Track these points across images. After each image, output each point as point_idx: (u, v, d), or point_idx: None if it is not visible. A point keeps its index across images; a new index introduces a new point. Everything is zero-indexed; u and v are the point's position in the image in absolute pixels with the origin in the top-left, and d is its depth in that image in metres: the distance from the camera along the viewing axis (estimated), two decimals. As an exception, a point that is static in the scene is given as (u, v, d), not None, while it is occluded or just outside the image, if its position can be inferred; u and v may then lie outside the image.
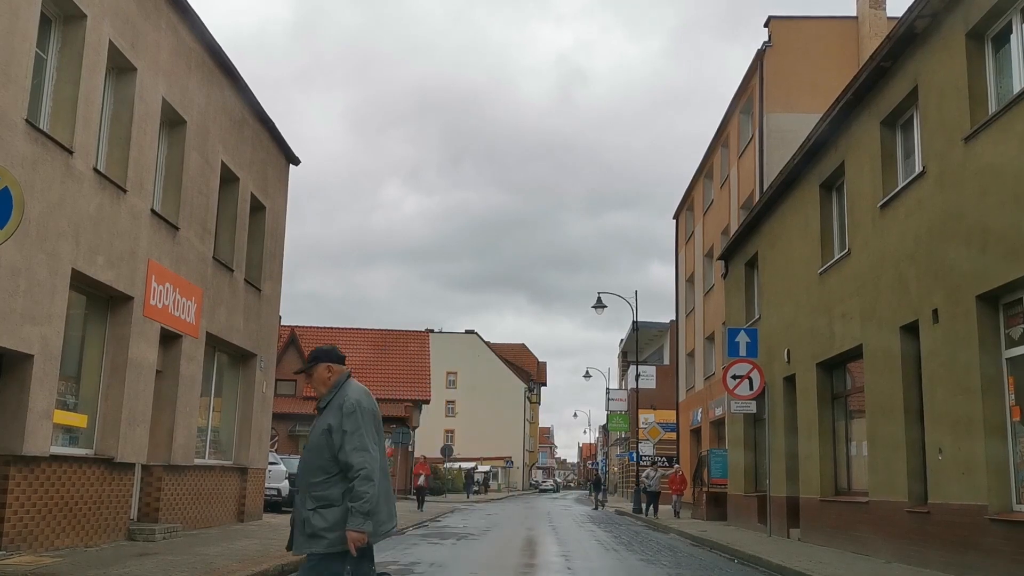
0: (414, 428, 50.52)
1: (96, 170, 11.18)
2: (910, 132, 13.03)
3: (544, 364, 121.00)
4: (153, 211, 12.85)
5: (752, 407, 19.22)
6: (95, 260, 11.13)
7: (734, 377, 18.92)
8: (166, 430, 13.59)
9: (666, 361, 65.99)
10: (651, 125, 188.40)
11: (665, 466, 38.69)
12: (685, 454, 37.30)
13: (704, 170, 34.62)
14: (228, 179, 16.16)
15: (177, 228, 13.62)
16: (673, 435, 40.55)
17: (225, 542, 12.93)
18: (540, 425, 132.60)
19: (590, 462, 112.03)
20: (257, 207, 17.70)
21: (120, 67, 12.06)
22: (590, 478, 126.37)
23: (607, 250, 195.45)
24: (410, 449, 48.29)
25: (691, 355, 36.98)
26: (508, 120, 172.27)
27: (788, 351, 17.95)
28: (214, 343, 15.88)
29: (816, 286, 16.25)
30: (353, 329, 54.86)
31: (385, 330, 55.09)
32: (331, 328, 54.68)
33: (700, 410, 33.97)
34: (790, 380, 18.02)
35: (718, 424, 31.45)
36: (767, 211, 19.87)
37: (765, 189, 21.75)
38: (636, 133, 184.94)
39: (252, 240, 17.64)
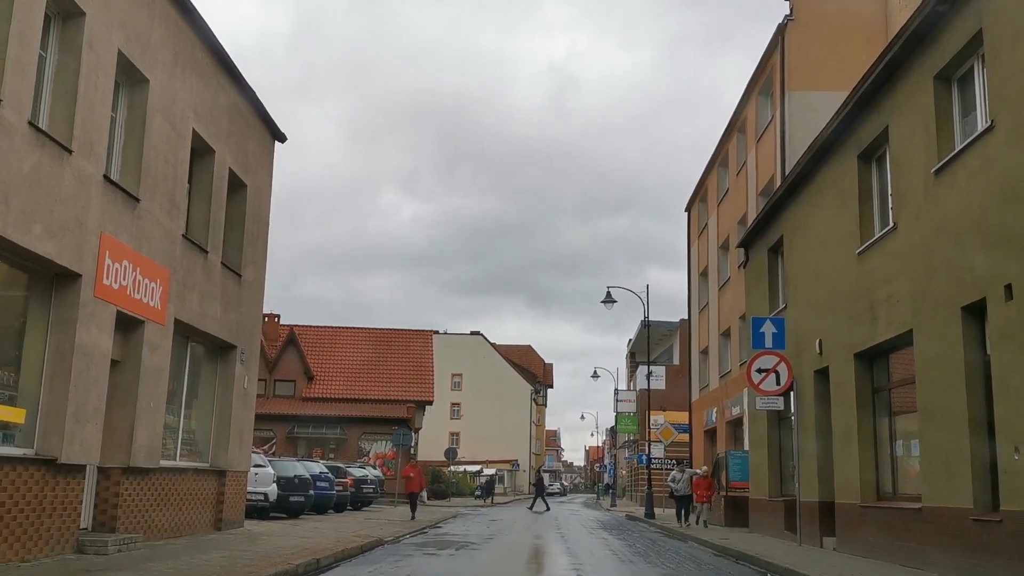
0: (416, 430, 48.95)
1: (33, 124, 9.63)
2: (969, 85, 11.42)
3: (551, 366, 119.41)
4: (107, 178, 11.29)
5: (779, 403, 17.58)
6: (30, 228, 9.57)
7: (759, 371, 17.31)
8: (125, 428, 12.03)
9: (676, 361, 64.33)
10: (642, 132, 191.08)
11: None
12: (699, 456, 35.61)
13: (718, 158, 33.00)
14: (201, 150, 14.60)
15: (138, 200, 12.06)
16: (685, 436, 38.86)
17: (189, 555, 11.35)
18: (546, 427, 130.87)
19: (598, 465, 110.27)
20: (237, 184, 16.15)
21: (66, 11, 10.51)
22: (597, 481, 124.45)
23: (603, 254, 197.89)
24: (412, 451, 46.71)
25: (705, 352, 35.32)
26: (502, 127, 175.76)
27: (820, 342, 16.32)
28: (186, 332, 14.31)
29: (854, 268, 14.62)
30: (354, 328, 53.34)
31: (387, 329, 53.56)
32: (331, 327, 53.15)
33: (715, 410, 32.33)
34: (822, 374, 16.40)
35: (735, 424, 29.79)
36: (793, 192, 18.26)
37: (789, 170, 20.16)
38: (628, 140, 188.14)
39: (231, 220, 16.09)
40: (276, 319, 51.09)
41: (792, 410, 17.97)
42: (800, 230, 17.92)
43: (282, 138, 18.13)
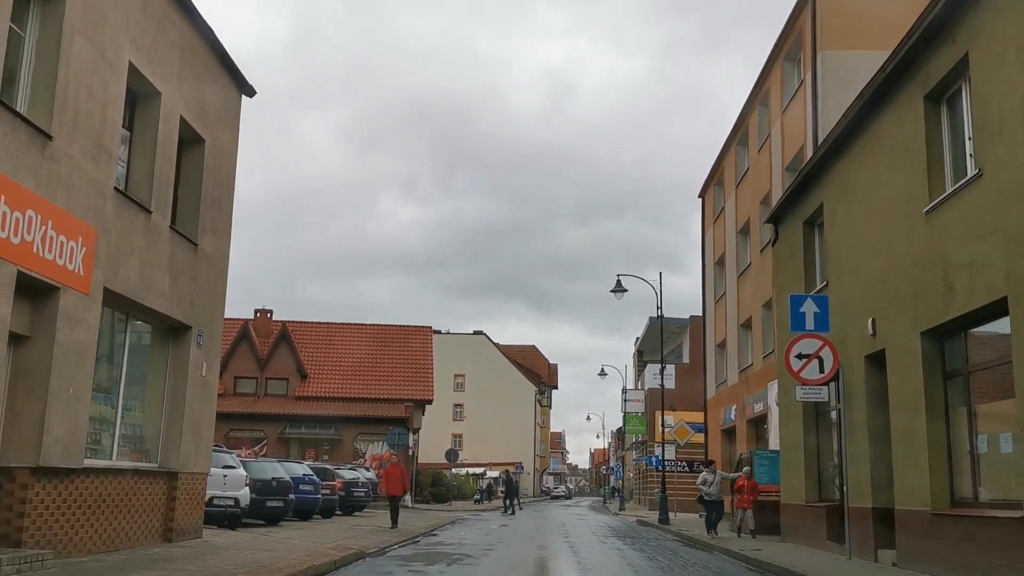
0: (416, 430, 46.61)
1: None
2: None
3: (555, 366, 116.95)
4: (3, 104, 9.00)
5: (823, 394, 15.20)
6: None
7: (799, 357, 14.92)
8: (33, 419, 9.72)
9: (686, 359, 61.95)
10: (640, 136, 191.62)
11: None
12: (716, 457, 33.22)
13: (736, 137, 30.66)
14: (143, 92, 12.31)
15: (49, 137, 9.76)
16: (700, 437, 36.47)
17: (106, 578, 9.04)
18: (551, 429, 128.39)
19: (604, 468, 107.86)
20: (192, 138, 13.85)
21: None
22: (603, 484, 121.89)
23: (602, 258, 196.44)
24: (411, 452, 44.40)
25: (722, 346, 32.97)
26: (499, 131, 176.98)
27: (873, 321, 13.98)
28: (124, 306, 12.01)
29: (920, 230, 12.27)
30: (349, 325, 51.01)
31: (384, 325, 51.21)
32: (326, 323, 50.84)
33: (734, 407, 29.98)
34: (876, 359, 14.04)
35: (757, 422, 27.45)
36: (835, 153, 15.92)
37: (825, 135, 17.84)
38: (625, 144, 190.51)
39: (186, 180, 13.81)
40: (268, 315, 48.84)
41: (837, 402, 15.63)
42: (845, 195, 15.56)
43: (250, 92, 15.83)
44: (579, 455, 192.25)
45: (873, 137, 14.23)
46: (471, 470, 79.79)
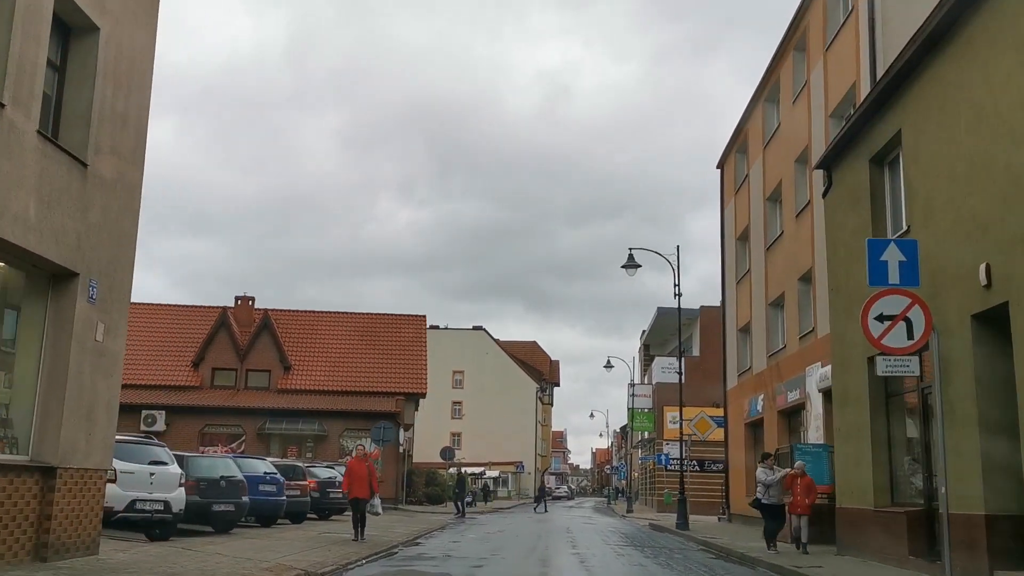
0: (407, 425, 43.20)
1: None
2: None
3: (557, 363, 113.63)
4: None
5: (912, 366, 11.69)
6: None
7: (880, 319, 11.43)
8: None
9: (695, 353, 58.56)
10: (634, 140, 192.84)
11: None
12: (738, 455, 29.78)
13: (764, 93, 27.16)
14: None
15: None
16: (720, 432, 32.95)
17: None
18: (552, 428, 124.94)
19: (608, 467, 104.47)
20: (81, 25, 10.41)
21: None
22: (606, 484, 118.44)
23: (599, 259, 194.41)
24: (402, 450, 40.98)
25: (745, 330, 29.50)
26: (495, 134, 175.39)
27: (987, 268, 10.54)
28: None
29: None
30: (336, 313, 47.56)
31: (375, 314, 47.77)
32: (312, 312, 47.38)
33: (760, 397, 26.52)
34: (990, 318, 10.61)
35: (792, 413, 24.00)
36: (922, 62, 12.49)
37: (892, 60, 14.43)
38: (619, 147, 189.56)
39: (72, 79, 10.37)
40: (250, 302, 45.41)
41: (920, 380, 12.18)
42: (940, 110, 12.09)
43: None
44: (580, 455, 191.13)
45: (985, 30, 10.77)
46: (470, 469, 76.38)
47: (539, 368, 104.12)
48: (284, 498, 19.91)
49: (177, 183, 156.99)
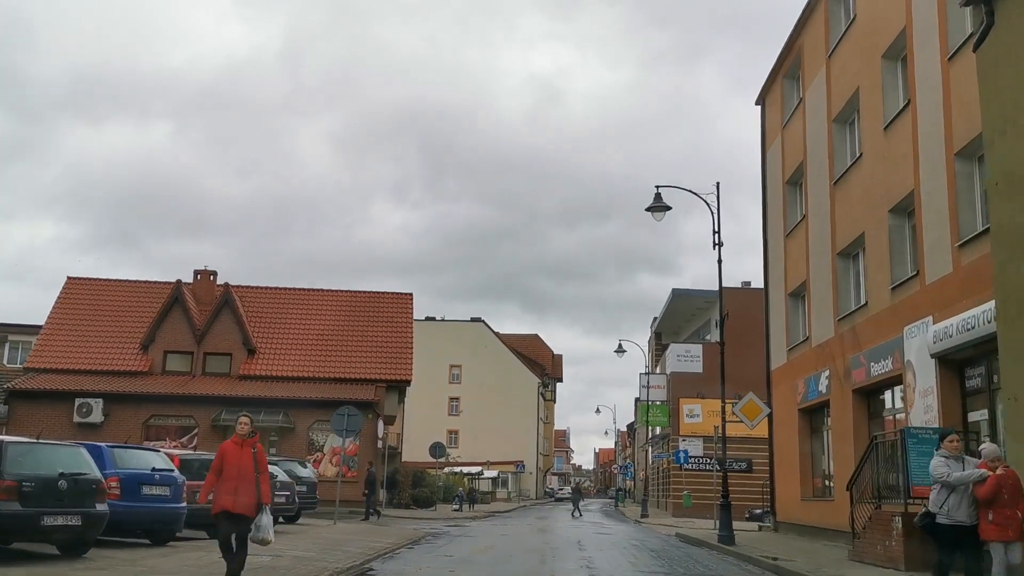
0: (389, 418, 37.46)
1: None
2: None
3: (560, 357, 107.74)
4: None
5: None
6: None
7: None
8: None
9: (716, 338, 52.70)
10: (625, 144, 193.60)
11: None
12: (788, 448, 23.97)
13: (825, -9, 21.44)
14: None
15: None
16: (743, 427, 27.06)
17: None
18: (555, 426, 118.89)
19: (615, 467, 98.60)
20: None
21: None
22: (611, 485, 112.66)
23: (592, 261, 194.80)
24: (381, 444, 35.19)
25: (798, 294, 23.76)
26: (487, 138, 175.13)
27: None
28: None
29: None
30: (310, 291, 41.74)
31: (355, 292, 41.95)
32: (283, 289, 41.54)
33: (825, 374, 20.75)
34: None
35: (874, 391, 18.27)
36: None
37: None
38: (610, 151, 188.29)
39: None
40: (212, 277, 39.65)
41: None
42: None
43: None
44: (581, 456, 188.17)
45: None
46: (466, 469, 70.61)
47: (541, 362, 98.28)
48: (183, 506, 14.09)
49: (173, 186, 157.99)
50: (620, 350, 43.01)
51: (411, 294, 42.21)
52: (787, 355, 24.41)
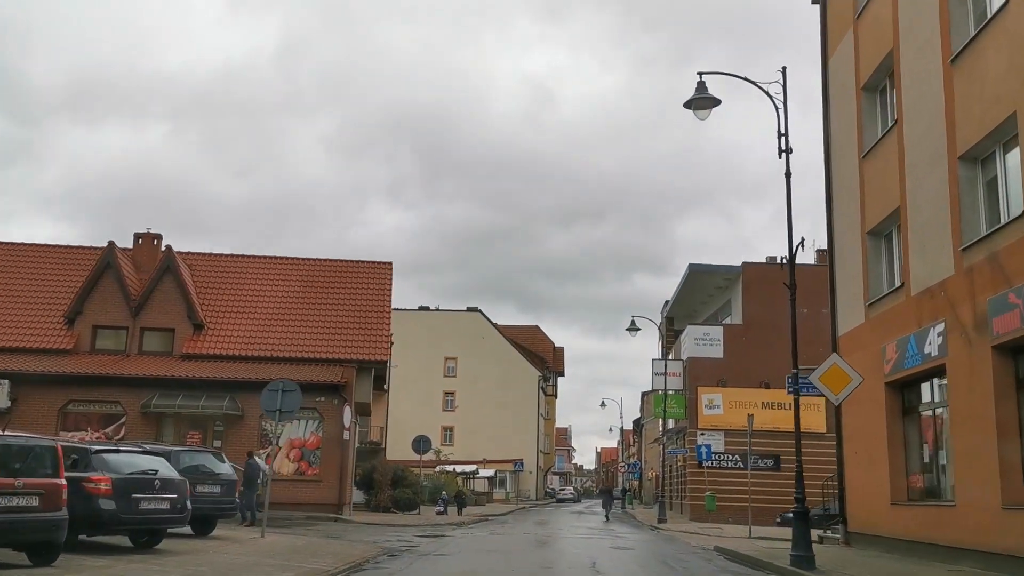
0: (360, 405, 31.61)
1: None
2: None
3: (561, 350, 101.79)
4: None
5: None
6: None
7: None
8: None
9: (736, 320, 46.78)
10: (619, 146, 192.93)
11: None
12: (866, 436, 18.00)
13: None
14: None
15: None
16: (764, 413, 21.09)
17: None
18: (556, 424, 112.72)
19: (622, 465, 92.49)
20: None
21: None
22: (614, 485, 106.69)
23: (589, 262, 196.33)
24: (348, 436, 29.23)
25: (882, 233, 17.85)
26: (482, 139, 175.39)
27: None
28: None
29: None
30: (271, 258, 35.84)
31: (323, 260, 36.06)
32: (240, 256, 35.70)
33: (937, 329, 14.79)
34: None
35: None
36: None
37: None
38: (605, 153, 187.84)
39: None
40: (155, 241, 33.76)
41: None
42: None
43: None
44: (581, 456, 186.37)
45: None
46: (460, 467, 64.69)
47: (542, 355, 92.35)
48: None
49: (169, 187, 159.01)
50: (633, 327, 36.99)
51: (390, 263, 36.29)
52: (866, 313, 18.46)
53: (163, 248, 33.00)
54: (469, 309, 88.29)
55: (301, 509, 27.46)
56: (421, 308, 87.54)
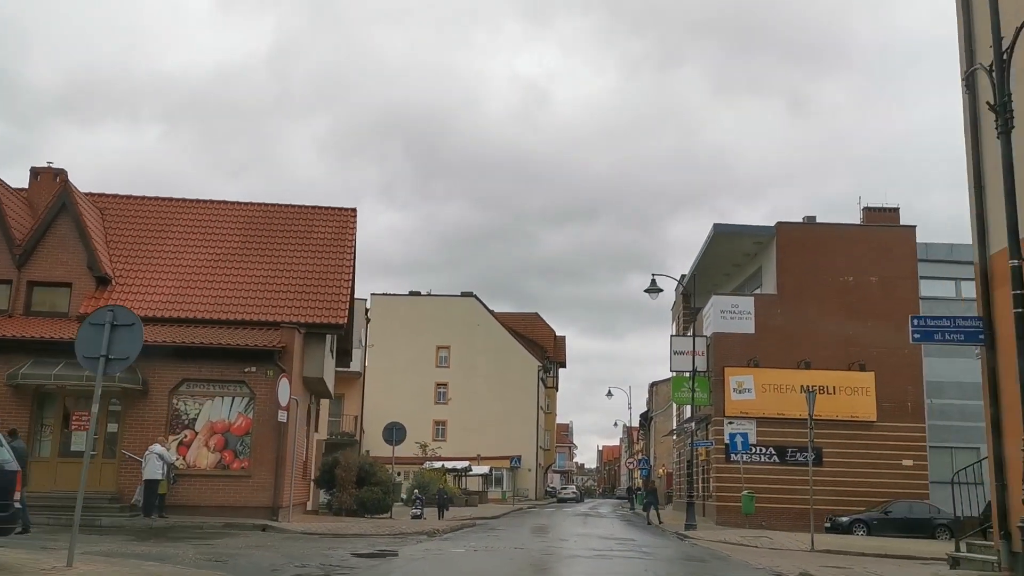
0: (311, 380, 24.84)
1: None
2: None
3: (563, 339, 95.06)
4: None
5: None
6: None
7: None
8: None
9: (769, 290, 39.94)
10: (612, 147, 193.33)
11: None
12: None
13: None
14: None
15: None
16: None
17: None
18: (557, 419, 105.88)
19: (630, 463, 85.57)
20: None
21: None
22: (617, 484, 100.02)
23: (583, 261, 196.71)
24: (284, 418, 22.34)
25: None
26: (472, 139, 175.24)
27: None
28: None
29: None
30: (205, 202, 28.97)
31: (272, 205, 29.29)
32: (166, 200, 28.85)
33: None
34: None
35: None
36: None
37: None
38: (599, 154, 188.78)
39: None
40: (56, 178, 26.80)
41: None
42: None
43: None
44: (582, 455, 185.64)
45: None
46: (451, 464, 57.93)
47: (542, 344, 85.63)
48: None
49: (163, 188, 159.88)
50: (653, 288, 30.01)
51: (354, 209, 29.53)
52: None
53: (64, 181, 26.09)
54: (463, 294, 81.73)
55: (224, 514, 20.80)
56: (411, 293, 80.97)
